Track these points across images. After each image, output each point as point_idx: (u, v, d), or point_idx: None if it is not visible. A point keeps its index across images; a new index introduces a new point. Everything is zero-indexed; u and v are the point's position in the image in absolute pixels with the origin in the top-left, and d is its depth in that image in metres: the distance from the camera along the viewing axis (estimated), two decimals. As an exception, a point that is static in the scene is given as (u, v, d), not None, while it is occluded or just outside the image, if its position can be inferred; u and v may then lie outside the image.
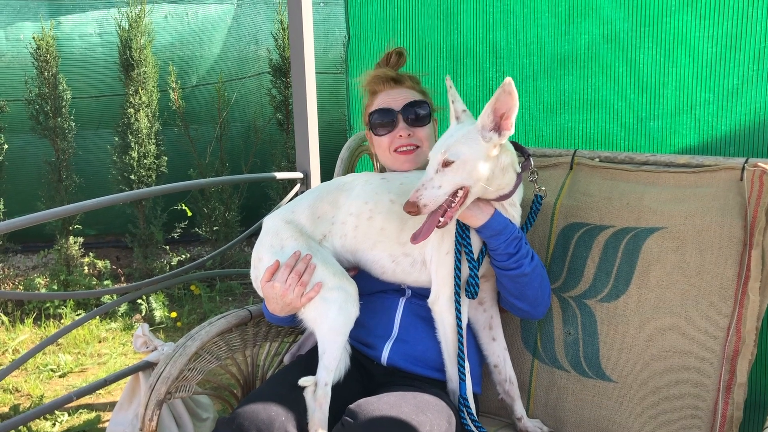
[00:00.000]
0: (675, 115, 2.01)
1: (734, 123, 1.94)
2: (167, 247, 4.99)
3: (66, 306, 4.27)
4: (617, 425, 1.70)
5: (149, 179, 4.79)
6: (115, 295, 4.02)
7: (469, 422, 1.60)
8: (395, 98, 1.77)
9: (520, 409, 1.76)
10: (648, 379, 1.68)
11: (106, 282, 4.70)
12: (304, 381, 1.56)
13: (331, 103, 5.03)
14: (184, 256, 4.97)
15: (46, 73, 4.67)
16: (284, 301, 1.61)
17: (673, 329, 1.67)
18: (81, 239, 4.79)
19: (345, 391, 1.62)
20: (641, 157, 1.88)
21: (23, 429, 2.82)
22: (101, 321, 4.11)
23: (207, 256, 2.80)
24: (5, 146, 4.71)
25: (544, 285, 1.69)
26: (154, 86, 4.82)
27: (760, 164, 1.67)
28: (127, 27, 4.70)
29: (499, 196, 1.58)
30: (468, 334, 1.73)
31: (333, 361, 1.58)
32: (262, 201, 5.01)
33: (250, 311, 1.91)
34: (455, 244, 1.61)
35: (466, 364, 1.64)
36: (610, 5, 2.05)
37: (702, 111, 1.97)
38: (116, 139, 4.82)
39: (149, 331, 2.46)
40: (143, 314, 4.28)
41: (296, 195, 2.87)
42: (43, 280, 4.70)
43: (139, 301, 4.27)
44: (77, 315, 4.23)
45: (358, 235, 1.68)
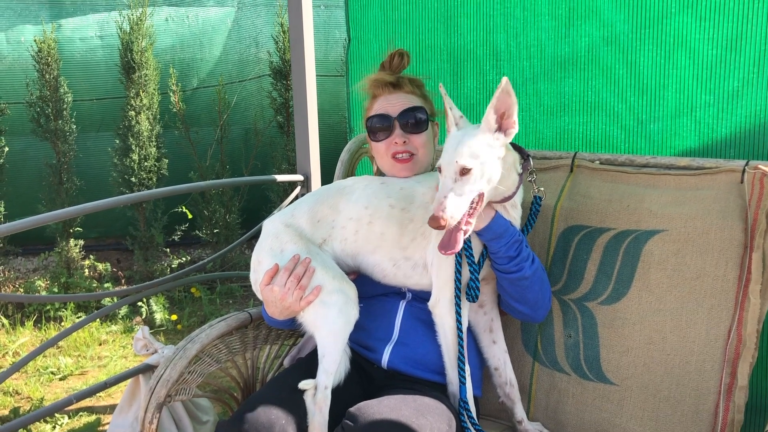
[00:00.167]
0: (675, 118, 2.01)
1: (735, 125, 1.93)
2: (168, 249, 4.99)
3: (66, 308, 4.27)
4: (618, 428, 1.70)
5: (150, 182, 4.79)
6: (115, 298, 4.01)
7: (470, 425, 1.60)
8: (393, 104, 1.76)
9: (520, 412, 1.75)
10: (649, 382, 1.68)
11: (106, 284, 4.70)
12: (304, 384, 1.56)
13: (332, 105, 5.03)
14: (184, 258, 4.97)
15: (48, 76, 4.67)
16: (283, 304, 1.61)
17: (674, 332, 1.67)
18: (81, 242, 4.78)
19: (345, 395, 1.62)
20: (641, 160, 1.88)
21: (23, 432, 2.82)
22: (101, 324, 4.11)
23: (207, 259, 2.80)
24: (6, 149, 4.71)
25: (544, 288, 1.69)
26: (154, 89, 4.83)
27: (760, 167, 1.67)
28: (128, 30, 4.70)
29: (502, 198, 1.58)
30: (468, 337, 1.72)
31: (333, 364, 1.58)
32: (262, 203, 5.01)
33: (251, 314, 1.91)
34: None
35: (467, 367, 1.64)
36: (611, 7, 2.04)
37: (702, 113, 1.97)
38: (117, 141, 4.82)
39: (149, 333, 2.46)
40: (144, 317, 4.27)
41: (297, 197, 2.87)
42: (43, 282, 4.70)
43: (139, 303, 4.27)
44: (77, 318, 4.23)
45: (359, 240, 1.68)
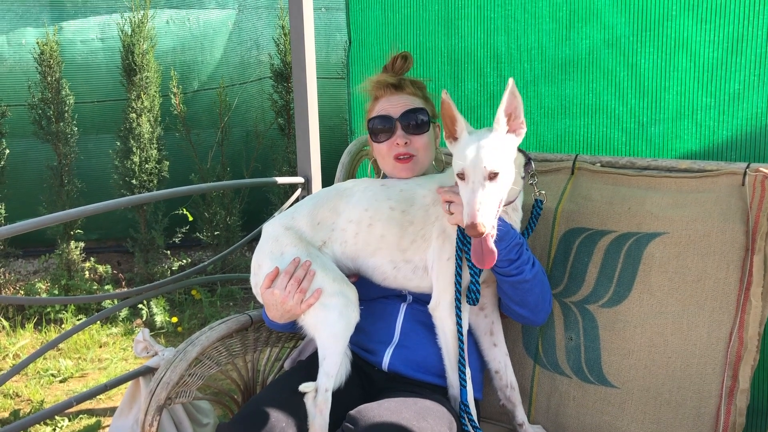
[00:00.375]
0: (676, 120, 2.01)
1: (736, 128, 1.93)
2: (168, 251, 4.98)
3: (67, 311, 4.27)
4: (619, 431, 1.70)
5: (151, 184, 4.79)
6: (116, 300, 4.00)
7: (470, 428, 1.60)
8: (394, 105, 1.76)
9: (521, 415, 1.75)
10: (650, 385, 1.68)
11: (107, 287, 4.70)
12: (304, 387, 1.56)
13: (333, 107, 5.03)
14: (185, 260, 4.97)
15: (49, 78, 4.67)
16: (284, 308, 1.61)
17: (675, 335, 1.67)
18: (82, 244, 4.78)
19: (346, 397, 1.61)
20: (643, 162, 1.88)
21: (23, 434, 2.81)
22: (102, 326, 4.11)
23: (208, 261, 2.79)
24: (7, 151, 4.71)
25: (545, 291, 1.69)
26: (156, 91, 4.83)
27: (761, 169, 1.67)
28: (129, 32, 4.70)
29: (507, 201, 1.58)
30: (469, 339, 1.72)
31: (333, 366, 1.57)
32: (263, 206, 5.01)
33: (251, 316, 1.91)
34: (456, 250, 1.60)
35: (467, 370, 1.64)
36: (611, 10, 2.04)
37: (703, 116, 1.97)
38: (118, 143, 4.82)
39: (150, 336, 2.46)
40: (144, 319, 4.27)
41: (297, 199, 2.87)
42: (44, 284, 4.70)
43: (140, 305, 4.27)
44: (78, 320, 4.23)
45: (359, 242, 1.68)
